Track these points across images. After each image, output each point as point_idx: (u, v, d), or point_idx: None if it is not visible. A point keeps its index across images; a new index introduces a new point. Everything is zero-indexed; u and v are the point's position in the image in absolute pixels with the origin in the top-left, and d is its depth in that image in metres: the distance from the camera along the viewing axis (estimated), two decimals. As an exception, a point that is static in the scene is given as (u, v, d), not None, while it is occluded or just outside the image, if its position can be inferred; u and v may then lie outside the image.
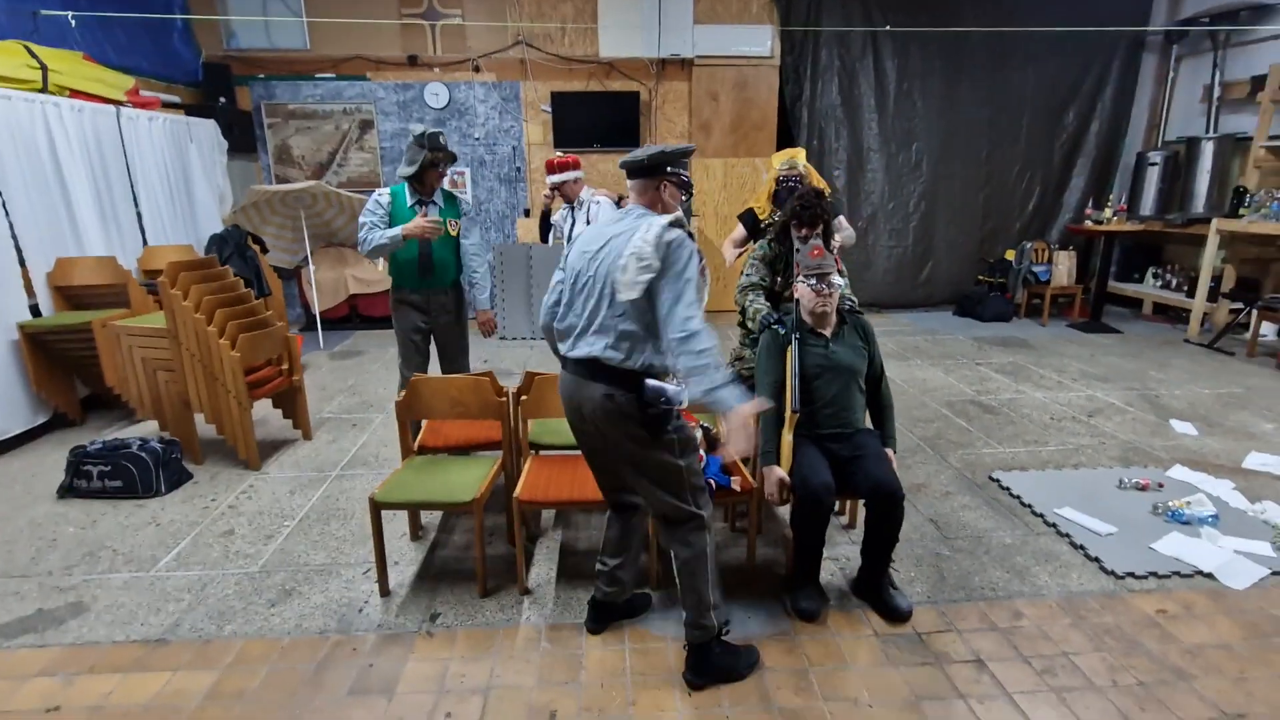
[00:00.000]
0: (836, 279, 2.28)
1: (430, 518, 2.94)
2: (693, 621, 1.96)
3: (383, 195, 3.05)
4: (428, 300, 3.19)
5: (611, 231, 1.84)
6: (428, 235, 2.98)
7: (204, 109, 5.90)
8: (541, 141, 6.75)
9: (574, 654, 2.12)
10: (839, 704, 1.91)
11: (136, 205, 4.78)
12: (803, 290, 2.33)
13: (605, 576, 2.15)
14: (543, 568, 2.59)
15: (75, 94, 4.34)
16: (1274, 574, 2.47)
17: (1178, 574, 2.48)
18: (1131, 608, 2.30)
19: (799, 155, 3.22)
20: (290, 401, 3.78)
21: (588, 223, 3.50)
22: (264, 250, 5.61)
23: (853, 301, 2.65)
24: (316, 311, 5.97)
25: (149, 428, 3.87)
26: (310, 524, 2.91)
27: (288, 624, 2.27)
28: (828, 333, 2.37)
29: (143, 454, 3.13)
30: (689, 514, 1.91)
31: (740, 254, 3.35)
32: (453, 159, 3.10)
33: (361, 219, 3.02)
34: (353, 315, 6.63)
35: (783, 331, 2.37)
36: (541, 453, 2.74)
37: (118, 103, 4.68)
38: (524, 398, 2.64)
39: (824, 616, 2.27)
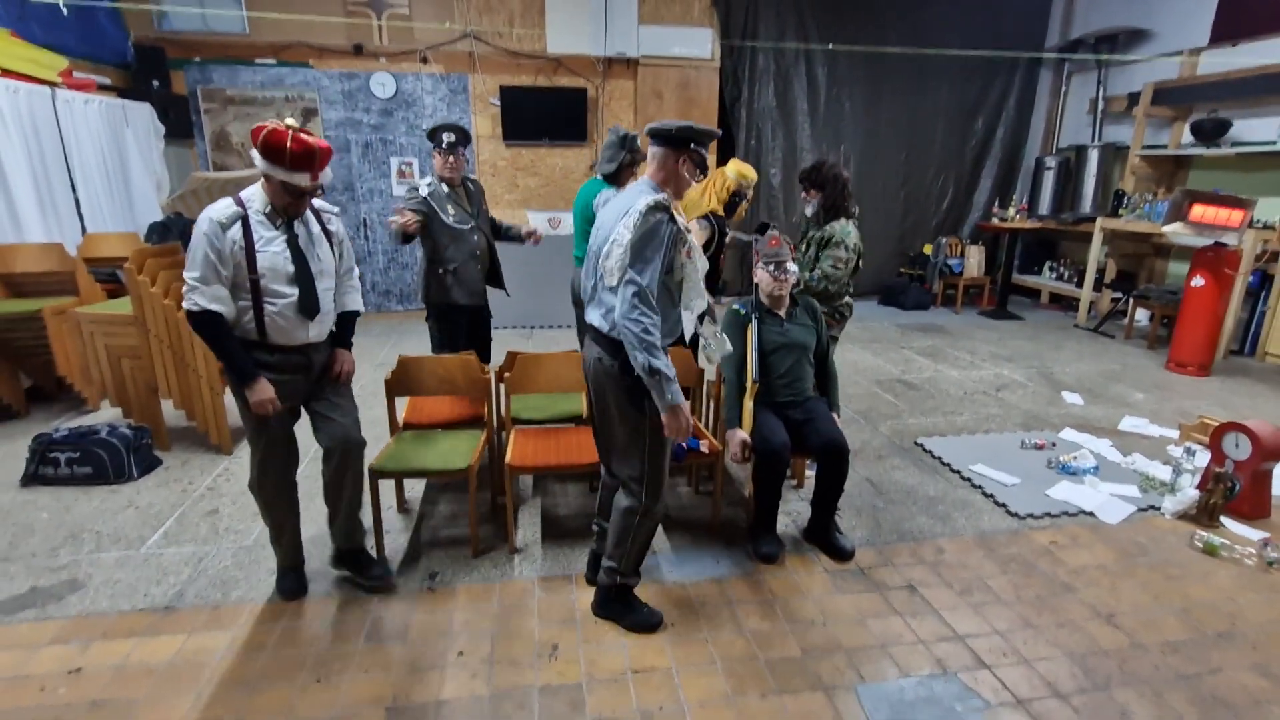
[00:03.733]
0: (791, 266, 2.61)
1: (413, 493, 3.10)
2: (607, 567, 2.20)
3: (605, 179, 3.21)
4: None
5: (616, 210, 1.93)
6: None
7: (137, 92, 5.70)
8: (491, 134, 6.85)
9: (568, 599, 2.37)
10: (798, 624, 2.25)
11: (74, 191, 4.63)
12: (761, 275, 2.65)
13: (599, 536, 2.37)
14: (528, 530, 2.82)
15: (6, 74, 4.18)
16: (1139, 510, 3.00)
17: (1066, 513, 2.97)
18: (1030, 540, 2.77)
19: (752, 175, 3.37)
20: (257, 388, 3.81)
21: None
22: (208, 239, 5.50)
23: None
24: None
25: (104, 417, 3.82)
26: (295, 501, 3.01)
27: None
28: (782, 313, 2.70)
29: (113, 439, 3.14)
30: (636, 493, 2.07)
31: None
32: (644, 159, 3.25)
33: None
34: (298, 306, 6.54)
35: (744, 311, 2.69)
36: (522, 426, 2.96)
37: (52, 84, 4.52)
38: (507, 375, 2.86)
39: (782, 559, 2.61)
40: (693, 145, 1.93)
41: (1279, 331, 5.21)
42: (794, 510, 2.98)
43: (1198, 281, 4.94)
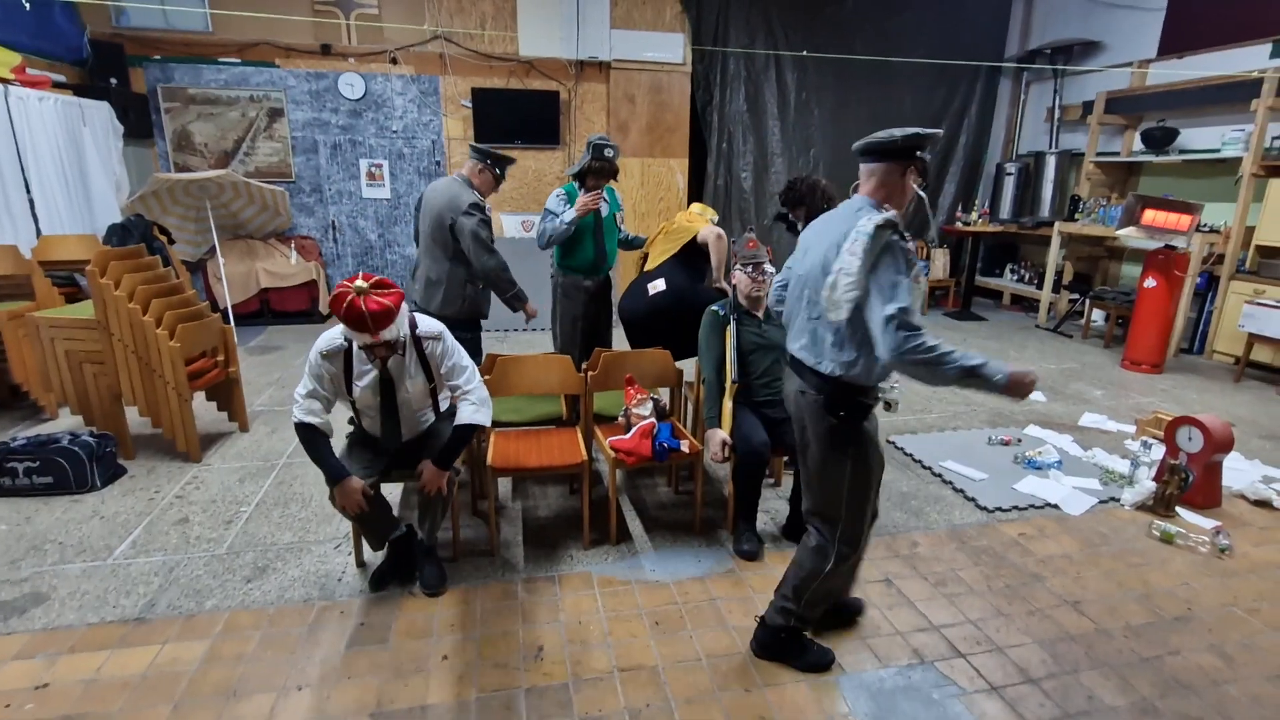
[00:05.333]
0: (769, 267, 2.66)
1: (390, 498, 3.06)
2: (781, 607, 2.04)
3: (561, 194, 3.31)
4: (595, 288, 3.47)
5: (826, 233, 1.78)
6: (590, 207, 3.20)
7: (94, 90, 5.52)
8: (462, 136, 6.80)
9: (551, 600, 2.37)
10: (781, 620, 2.29)
11: (28, 192, 4.46)
12: (739, 277, 2.69)
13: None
14: (508, 532, 2.81)
15: (-44, 70, 4.02)
16: (1101, 502, 3.13)
17: (1033, 506, 3.08)
18: (1000, 533, 2.86)
19: (713, 212, 3.59)
20: (226, 393, 3.73)
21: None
22: (171, 241, 5.36)
23: None
24: (228, 305, 5.75)
25: (63, 425, 3.69)
26: (269, 508, 2.96)
27: (269, 596, 2.36)
28: (760, 314, 2.75)
29: (75, 448, 3.04)
30: (827, 537, 1.94)
31: None
32: (612, 174, 3.32)
33: (545, 215, 3.30)
34: (264, 310, 6.41)
35: (722, 313, 2.73)
36: (499, 429, 2.95)
37: (4, 80, 4.36)
38: (486, 378, 2.84)
39: (762, 556, 2.65)
40: (919, 153, 1.74)
41: (1226, 330, 5.46)
42: (773, 508, 3.03)
43: (1150, 283, 5.16)
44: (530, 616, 2.28)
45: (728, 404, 2.66)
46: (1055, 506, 3.08)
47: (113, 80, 5.72)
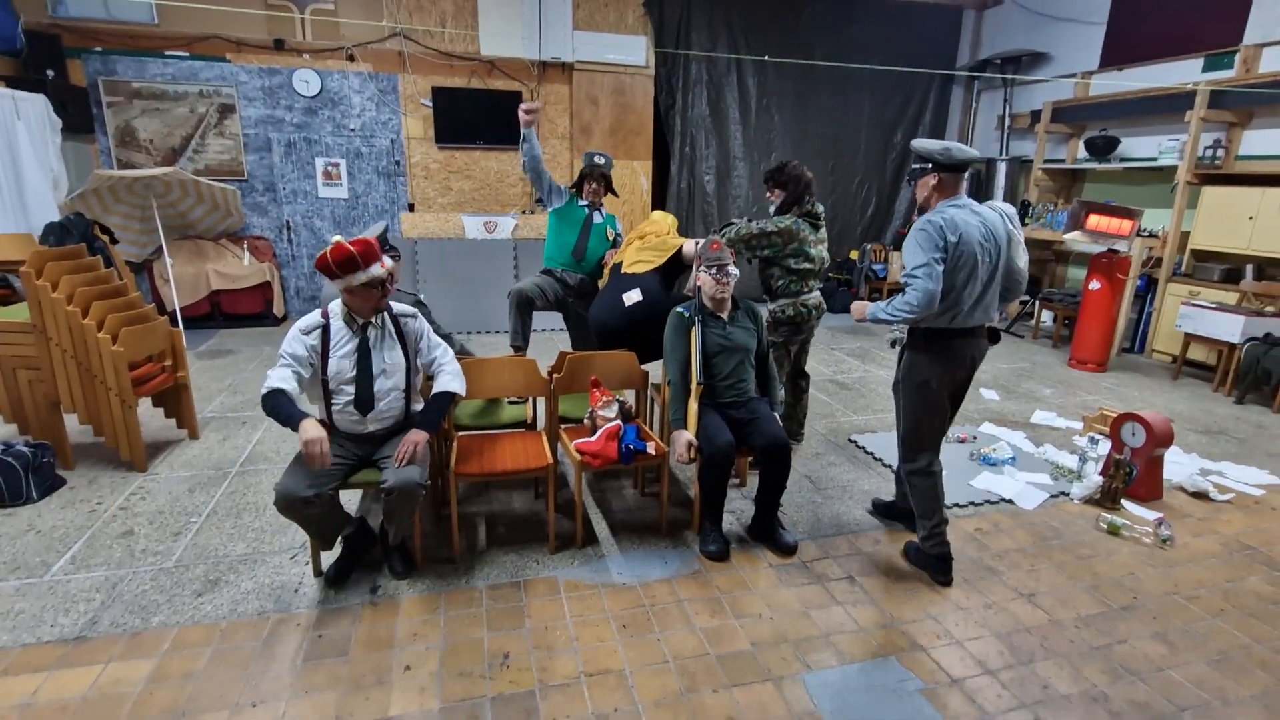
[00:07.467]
0: (733, 269, 2.68)
1: (348, 503, 2.98)
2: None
3: (563, 188, 3.75)
4: (573, 280, 3.67)
5: (988, 224, 2.38)
6: (529, 117, 3.50)
7: (28, 82, 5.25)
8: (422, 136, 6.69)
9: (516, 606, 2.34)
10: (747, 619, 2.30)
11: (-45, 188, 4.22)
12: (704, 279, 2.71)
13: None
14: (471, 538, 2.77)
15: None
16: (1052, 497, 3.24)
17: (988, 501, 3.17)
18: (958, 528, 2.93)
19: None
20: (174, 400, 3.58)
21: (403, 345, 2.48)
22: (114, 241, 5.13)
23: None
24: (177, 308, 5.53)
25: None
26: (220, 519, 2.85)
27: (221, 610, 2.27)
28: (725, 316, 2.77)
29: (9, 459, 2.88)
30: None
31: None
32: (601, 179, 3.71)
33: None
34: (215, 313, 6.19)
35: (687, 314, 2.74)
36: (463, 433, 2.90)
37: (-72, 70, 4.11)
38: (449, 381, 2.79)
39: (728, 556, 2.66)
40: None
41: (1164, 330, 5.72)
42: (738, 509, 3.05)
43: (1094, 285, 5.37)
44: (495, 623, 2.25)
45: (693, 405, 2.67)
46: (1010, 501, 3.17)
47: (50, 72, 5.45)
